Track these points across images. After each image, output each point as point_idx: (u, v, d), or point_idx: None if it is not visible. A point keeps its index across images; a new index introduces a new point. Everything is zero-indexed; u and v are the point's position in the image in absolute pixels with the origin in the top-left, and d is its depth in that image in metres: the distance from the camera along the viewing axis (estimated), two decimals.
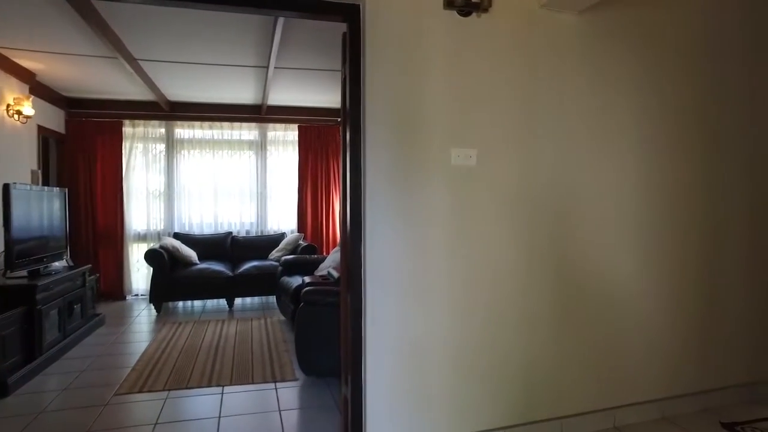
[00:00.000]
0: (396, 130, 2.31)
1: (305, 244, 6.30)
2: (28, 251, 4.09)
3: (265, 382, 3.55)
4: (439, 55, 2.35)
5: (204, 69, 5.00)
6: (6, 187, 3.79)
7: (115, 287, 6.36)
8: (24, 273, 4.12)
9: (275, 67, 4.86)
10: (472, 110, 2.40)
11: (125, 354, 4.20)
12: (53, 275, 4.27)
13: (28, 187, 4.13)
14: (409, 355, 2.33)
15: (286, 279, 5.15)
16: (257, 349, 4.27)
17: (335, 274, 4.36)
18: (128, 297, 6.45)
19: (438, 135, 2.36)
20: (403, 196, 2.32)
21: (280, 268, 5.49)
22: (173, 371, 3.73)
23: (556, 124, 2.53)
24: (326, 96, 6.34)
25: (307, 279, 4.48)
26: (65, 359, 4.07)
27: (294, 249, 6.32)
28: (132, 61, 4.59)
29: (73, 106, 6.24)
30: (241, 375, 3.66)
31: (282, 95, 6.25)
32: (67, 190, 4.90)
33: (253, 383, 3.52)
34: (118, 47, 4.21)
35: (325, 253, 6.81)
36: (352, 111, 2.33)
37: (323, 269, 5.13)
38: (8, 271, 3.86)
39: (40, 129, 5.52)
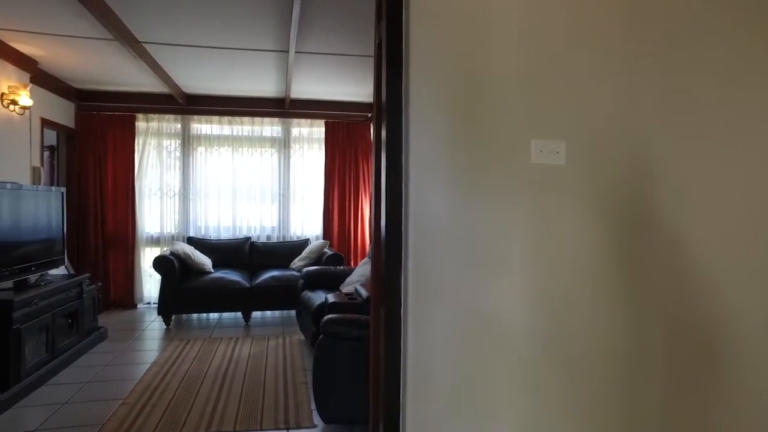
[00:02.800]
0: (451, 113, 1.61)
1: (331, 252, 5.65)
2: (11, 260, 3.56)
3: (277, 428, 2.90)
4: (514, 4, 1.64)
5: (218, 54, 4.40)
6: None
7: (126, 295, 5.85)
8: (9, 284, 3.60)
9: (296, 52, 4.23)
10: (560, 85, 1.67)
11: (119, 380, 3.62)
12: (42, 286, 3.74)
13: (8, 186, 3.60)
14: (469, 406, 1.63)
15: (307, 294, 4.51)
16: (271, 379, 3.63)
17: (363, 292, 3.68)
18: (139, 306, 5.93)
19: (513, 121, 1.64)
20: (462, 205, 1.61)
21: (301, 280, 4.85)
22: (169, 408, 3.13)
23: (681, 103, 1.77)
24: (356, 88, 5.68)
25: (330, 297, 3.82)
26: (50, 385, 3.53)
27: (318, 258, 5.68)
28: (135, 44, 4.02)
29: (84, 98, 5.77)
30: (248, 417, 3.02)
31: (307, 87, 5.62)
32: (64, 189, 4.38)
33: (261, 430, 2.88)
34: (118, 28, 3.65)
35: (352, 264, 6.15)
36: (389, 88, 1.64)
37: (350, 284, 4.47)
38: None
39: (45, 122, 5.05)
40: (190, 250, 5.36)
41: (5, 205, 3.60)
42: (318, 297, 4.24)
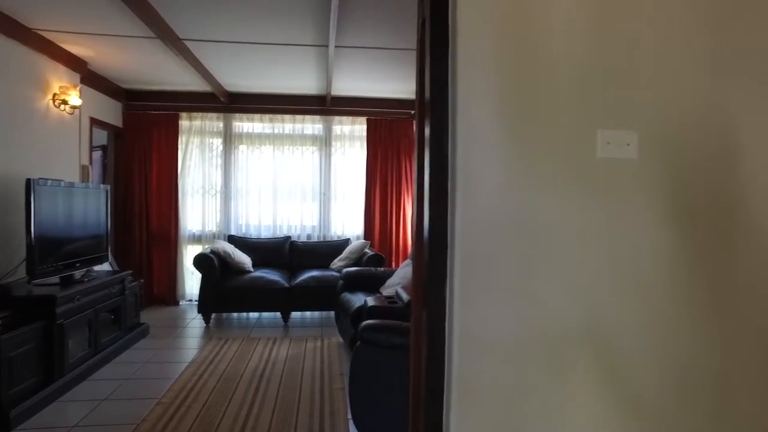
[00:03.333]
0: (505, 100, 1.41)
1: (371, 253, 5.52)
2: (57, 255, 3.61)
3: None
4: None
5: (257, 50, 4.35)
6: (28, 183, 3.31)
7: (168, 292, 5.92)
8: (56, 280, 3.66)
9: (336, 46, 4.10)
10: (633, 63, 1.45)
11: (157, 378, 3.61)
12: (86, 282, 3.78)
13: (59, 184, 3.65)
14: (522, 422, 1.43)
15: (346, 296, 4.39)
16: (307, 384, 3.52)
17: (404, 296, 3.52)
18: (181, 302, 6.00)
19: (574, 108, 1.43)
20: (518, 203, 1.42)
21: (340, 281, 4.74)
22: (203, 410, 3.06)
23: None
24: (398, 84, 5.53)
25: (369, 300, 3.67)
26: (92, 380, 3.55)
27: (359, 258, 5.56)
28: (176, 41, 4.01)
29: (131, 98, 5.89)
30: (282, 423, 2.91)
31: (348, 83, 5.51)
32: (109, 187, 4.44)
33: None
34: (159, 26, 3.64)
35: (394, 266, 5.99)
36: (434, 72, 1.46)
37: (391, 286, 4.31)
38: (31, 280, 3.37)
39: (94, 121, 5.16)
40: (230, 248, 5.35)
41: (59, 203, 3.67)
42: (357, 299, 4.11)
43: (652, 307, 1.47)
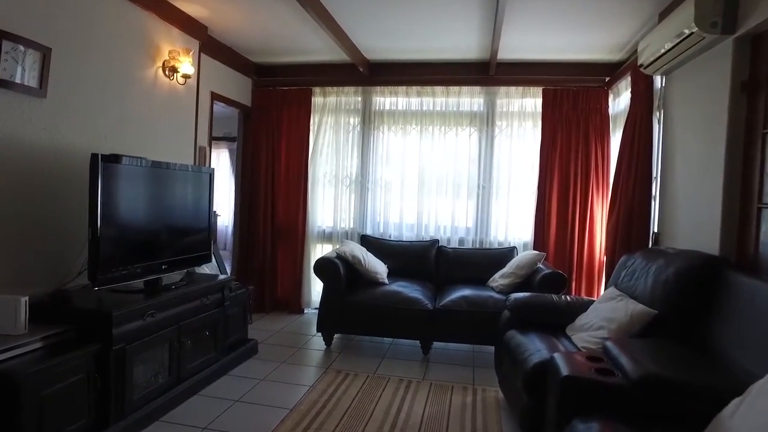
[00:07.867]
0: None
1: (547, 270, 3.92)
2: (135, 255, 2.78)
3: None
4: None
5: None
6: (94, 160, 2.50)
7: (293, 297, 5.06)
8: (140, 285, 2.87)
9: None
10: None
11: None
12: (173, 290, 2.93)
13: (133, 163, 2.81)
14: None
15: (516, 337, 2.90)
16: None
17: (625, 362, 1.97)
18: (306, 311, 5.09)
19: None
20: None
21: (506, 312, 3.27)
22: None
23: None
24: (588, 37, 3.86)
25: (561, 362, 2.16)
26: (163, 422, 2.66)
27: (528, 276, 4.01)
28: None
29: (263, 74, 5.15)
30: None
31: (520, 39, 3.99)
32: (213, 170, 3.59)
33: None
34: None
35: (574, 291, 4.29)
36: None
37: (585, 330, 2.72)
38: (95, 286, 2.56)
39: (216, 97, 4.47)
40: (360, 252, 4.23)
41: (141, 188, 2.88)
42: (533, 346, 2.62)
43: None
